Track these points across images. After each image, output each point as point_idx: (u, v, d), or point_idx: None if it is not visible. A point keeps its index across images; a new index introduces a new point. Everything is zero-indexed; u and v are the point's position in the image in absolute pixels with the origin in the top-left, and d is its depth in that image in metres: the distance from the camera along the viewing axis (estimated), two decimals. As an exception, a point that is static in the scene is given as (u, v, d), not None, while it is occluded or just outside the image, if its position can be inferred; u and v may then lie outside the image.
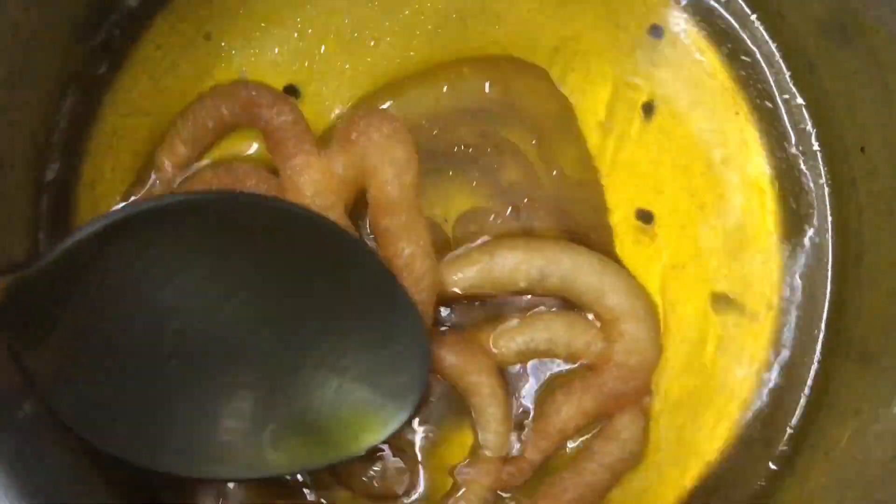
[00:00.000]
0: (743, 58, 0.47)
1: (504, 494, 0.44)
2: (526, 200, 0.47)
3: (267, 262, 0.39)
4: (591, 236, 0.46)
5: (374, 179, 0.43)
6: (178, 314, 0.38)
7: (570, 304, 0.45)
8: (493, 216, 0.46)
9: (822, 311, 0.47)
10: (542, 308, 0.46)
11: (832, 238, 0.47)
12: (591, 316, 0.45)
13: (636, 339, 0.44)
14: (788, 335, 0.47)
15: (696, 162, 0.47)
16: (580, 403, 0.43)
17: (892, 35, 0.40)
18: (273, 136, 0.44)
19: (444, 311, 0.46)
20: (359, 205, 0.45)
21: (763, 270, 0.46)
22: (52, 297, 0.36)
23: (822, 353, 0.46)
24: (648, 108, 0.47)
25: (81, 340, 0.37)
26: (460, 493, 0.44)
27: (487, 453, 0.44)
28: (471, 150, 0.46)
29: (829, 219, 0.47)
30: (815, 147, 0.47)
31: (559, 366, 0.45)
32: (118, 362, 0.38)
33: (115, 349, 0.38)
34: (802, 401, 0.46)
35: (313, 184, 0.43)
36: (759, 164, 0.47)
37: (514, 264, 0.45)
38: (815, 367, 0.46)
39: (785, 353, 0.46)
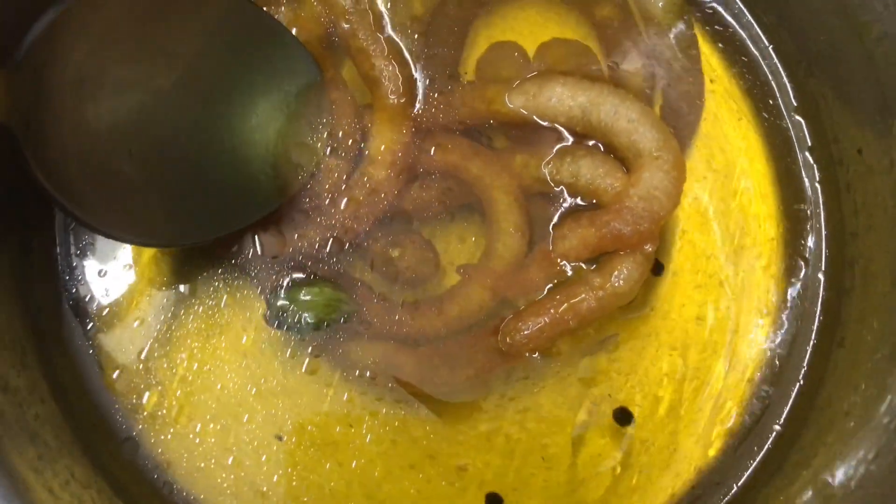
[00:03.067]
0: None
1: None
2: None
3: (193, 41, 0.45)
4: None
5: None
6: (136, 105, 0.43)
7: (607, 148, 0.48)
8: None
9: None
10: (574, 146, 0.48)
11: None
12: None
13: (653, 186, 0.45)
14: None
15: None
16: (584, 235, 0.46)
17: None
18: None
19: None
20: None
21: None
22: (35, 90, 0.40)
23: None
24: None
25: (71, 133, 0.41)
26: (461, 287, 0.48)
27: (492, 260, 0.47)
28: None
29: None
30: None
31: (580, 202, 0.48)
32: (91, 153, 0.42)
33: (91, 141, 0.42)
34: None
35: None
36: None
37: (559, 97, 0.47)
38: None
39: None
